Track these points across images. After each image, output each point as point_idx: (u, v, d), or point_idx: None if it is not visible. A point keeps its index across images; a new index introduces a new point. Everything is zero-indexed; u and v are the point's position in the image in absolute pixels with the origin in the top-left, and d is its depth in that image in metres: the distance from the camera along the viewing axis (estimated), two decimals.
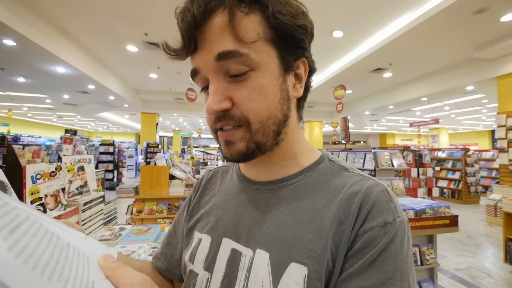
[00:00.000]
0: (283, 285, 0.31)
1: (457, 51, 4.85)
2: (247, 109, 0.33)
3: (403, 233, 0.32)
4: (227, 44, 0.31)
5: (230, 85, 0.33)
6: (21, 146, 4.33)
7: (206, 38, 0.32)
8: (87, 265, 0.22)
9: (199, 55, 0.33)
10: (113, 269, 0.24)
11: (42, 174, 0.91)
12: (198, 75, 0.35)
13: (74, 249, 0.21)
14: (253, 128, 0.34)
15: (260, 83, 0.33)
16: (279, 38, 0.34)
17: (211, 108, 0.33)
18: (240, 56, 0.31)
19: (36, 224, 0.19)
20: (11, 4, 3.12)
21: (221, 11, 0.31)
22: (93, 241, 0.27)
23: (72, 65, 4.67)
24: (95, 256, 0.24)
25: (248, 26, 0.32)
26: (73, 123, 16.77)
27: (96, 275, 0.22)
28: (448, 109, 10.03)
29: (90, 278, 0.20)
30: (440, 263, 3.04)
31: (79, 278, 0.19)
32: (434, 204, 2.00)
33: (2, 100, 9.02)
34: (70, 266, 0.19)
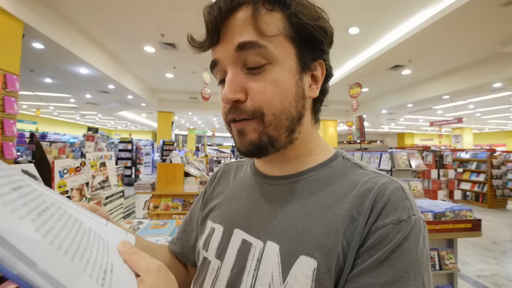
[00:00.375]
0: (292, 277, 0.31)
1: (483, 46, 4.57)
2: (261, 101, 0.34)
3: (418, 232, 0.31)
4: (248, 35, 0.33)
5: (247, 77, 0.34)
6: (48, 143, 4.62)
7: (229, 30, 0.34)
8: (106, 249, 0.23)
9: (221, 46, 0.35)
10: (131, 254, 0.26)
11: (68, 169, 0.98)
12: (217, 66, 0.37)
13: (95, 234, 0.24)
14: (266, 120, 0.34)
15: (277, 77, 0.34)
16: (299, 37, 0.35)
17: (226, 96, 0.34)
18: (259, 48, 0.32)
19: (61, 210, 0.21)
20: (40, 9, 3.32)
21: (246, 7, 0.33)
22: (114, 227, 0.30)
23: (93, 66, 4.91)
24: (115, 242, 0.26)
25: (270, 21, 0.33)
26: (95, 122, 17.58)
27: (115, 258, 0.24)
28: (472, 107, 9.48)
29: (110, 260, 0.22)
30: (462, 269, 2.89)
31: (99, 260, 0.21)
32: (455, 207, 1.91)
33: (31, 99, 9.63)
34: (91, 249, 0.21)
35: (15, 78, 2.78)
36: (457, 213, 1.84)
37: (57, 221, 0.19)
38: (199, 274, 0.41)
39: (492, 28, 3.90)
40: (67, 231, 0.19)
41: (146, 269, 0.25)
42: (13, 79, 2.75)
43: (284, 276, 0.32)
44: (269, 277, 0.33)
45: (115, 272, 0.22)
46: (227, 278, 0.36)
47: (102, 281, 0.19)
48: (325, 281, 0.30)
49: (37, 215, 0.18)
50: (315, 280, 0.30)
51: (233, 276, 0.36)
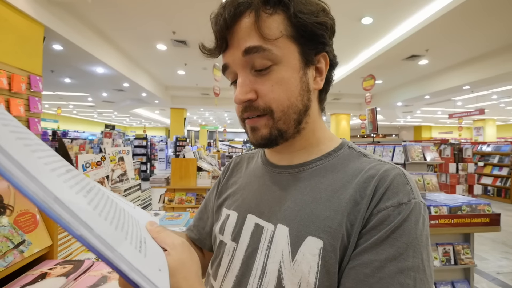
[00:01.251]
0: (301, 255, 0.34)
1: (505, 32, 4.27)
2: (270, 100, 0.37)
3: (418, 214, 0.33)
4: (253, 40, 0.35)
5: (256, 79, 0.37)
6: (69, 140, 4.87)
7: (235, 37, 0.37)
8: (138, 226, 0.28)
9: (229, 52, 0.38)
10: (158, 232, 0.30)
11: (90, 163, 1.05)
12: (228, 70, 0.40)
13: (128, 213, 0.28)
14: (275, 116, 0.38)
15: (282, 76, 0.37)
16: (300, 35, 0.37)
17: (238, 98, 0.38)
18: (264, 51, 0.35)
19: (100, 191, 0.25)
20: (59, 12, 3.47)
21: (249, 14, 0.36)
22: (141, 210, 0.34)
23: (109, 65, 5.08)
24: (143, 221, 0.31)
25: (272, 25, 0.36)
26: (111, 119, 18.22)
27: (146, 234, 0.28)
28: (496, 98, 8.96)
29: (143, 235, 0.26)
30: (480, 265, 2.81)
31: (135, 233, 0.25)
32: (472, 201, 1.85)
33: (52, 99, 10.12)
34: (128, 223, 0.25)
35: (38, 79, 2.94)
36: (474, 207, 1.79)
37: (100, 199, 0.23)
38: (216, 256, 0.45)
39: None
40: (108, 208, 0.23)
41: (172, 244, 0.29)
42: (36, 80, 2.91)
43: (293, 255, 0.35)
44: (280, 256, 0.36)
45: (147, 243, 0.26)
46: (242, 258, 0.40)
47: (140, 248, 0.23)
48: (331, 258, 0.33)
49: (86, 192, 0.22)
50: (322, 258, 0.33)
51: (247, 255, 0.40)
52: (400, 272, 0.30)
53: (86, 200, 0.21)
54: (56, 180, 0.19)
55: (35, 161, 0.18)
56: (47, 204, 0.17)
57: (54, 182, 0.18)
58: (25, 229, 0.62)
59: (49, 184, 0.17)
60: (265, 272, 0.37)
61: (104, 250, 0.19)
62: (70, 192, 0.19)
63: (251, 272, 0.38)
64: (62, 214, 0.17)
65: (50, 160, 0.20)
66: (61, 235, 0.79)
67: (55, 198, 0.17)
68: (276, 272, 0.36)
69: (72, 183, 0.21)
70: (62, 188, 0.19)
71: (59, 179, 0.19)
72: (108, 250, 0.19)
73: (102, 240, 0.19)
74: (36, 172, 0.17)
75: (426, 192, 1.92)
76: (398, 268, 0.30)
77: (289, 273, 0.34)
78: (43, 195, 0.17)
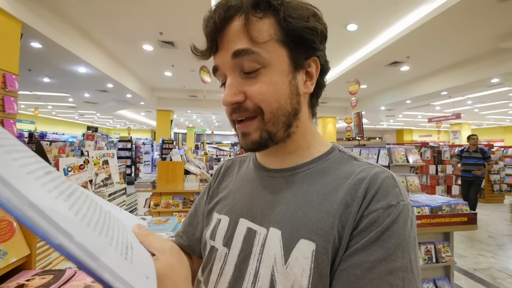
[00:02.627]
0: (293, 258, 0.34)
1: (481, 41, 4.59)
2: (259, 101, 0.37)
3: (406, 216, 0.34)
4: (242, 43, 0.36)
5: (244, 81, 0.37)
6: (48, 142, 4.63)
7: (224, 40, 0.37)
8: (125, 230, 0.26)
9: (219, 55, 0.38)
10: (146, 236, 0.29)
11: (72, 167, 1.00)
12: (218, 72, 0.40)
13: (114, 217, 0.26)
14: (265, 117, 0.38)
15: (270, 79, 0.37)
16: (290, 39, 0.37)
17: (227, 100, 0.38)
18: (253, 54, 0.36)
19: (84, 194, 0.24)
20: (38, 9, 3.31)
21: (238, 17, 0.36)
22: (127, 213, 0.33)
23: (92, 65, 4.90)
24: (130, 224, 0.29)
25: (261, 28, 0.36)
26: (93, 121, 17.56)
27: (133, 238, 0.27)
28: (470, 103, 9.53)
29: (129, 240, 0.25)
30: (458, 262, 2.95)
31: (120, 238, 0.23)
32: (451, 201, 1.95)
33: (29, 99, 9.61)
34: (113, 228, 0.24)
35: (14, 78, 2.79)
36: (453, 207, 1.88)
37: (83, 202, 0.22)
38: (207, 262, 0.44)
39: (490, 24, 3.92)
40: (92, 212, 0.22)
41: (161, 248, 0.28)
42: (12, 79, 2.75)
43: (286, 258, 0.35)
44: (272, 260, 0.36)
45: (134, 249, 0.25)
46: (235, 263, 0.39)
47: (125, 255, 0.22)
48: (323, 261, 0.33)
49: (67, 196, 0.20)
50: (314, 260, 0.33)
51: (240, 260, 0.39)
52: (390, 273, 0.30)
53: (67, 204, 0.19)
54: (32, 184, 0.17)
55: (8, 164, 0.17)
56: (21, 211, 0.16)
57: (29, 186, 0.17)
58: (0, 238, 0.58)
59: (24, 189, 0.16)
60: (257, 277, 0.36)
61: (86, 260, 0.18)
62: (49, 196, 0.18)
63: (244, 277, 0.37)
64: (38, 221, 0.16)
65: (27, 161, 0.19)
66: (40, 243, 0.75)
67: (30, 203, 0.16)
68: (269, 277, 0.35)
69: (51, 186, 0.19)
70: (39, 192, 0.17)
71: (36, 182, 0.18)
72: (90, 259, 0.18)
73: (83, 248, 0.18)
74: (9, 175, 0.16)
75: (409, 193, 1.99)
76: (388, 269, 0.30)
77: (282, 277, 0.34)
78: (17, 201, 0.16)
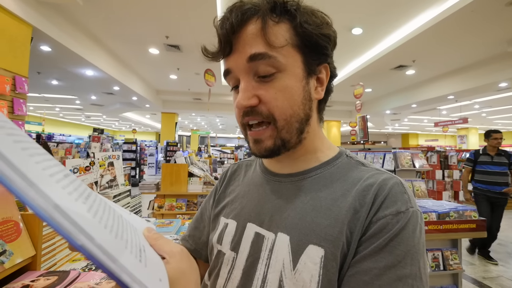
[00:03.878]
0: (302, 264, 0.34)
1: (489, 45, 4.53)
2: (273, 108, 0.37)
3: (415, 222, 0.33)
4: (259, 47, 0.35)
5: (259, 85, 0.37)
6: (55, 143, 4.70)
7: (240, 42, 0.36)
8: (136, 233, 0.26)
9: (233, 57, 0.38)
10: (156, 239, 0.29)
11: (78, 168, 1.01)
12: (230, 75, 0.40)
13: (125, 220, 0.26)
14: (278, 125, 0.37)
15: (286, 84, 0.37)
16: (305, 45, 0.38)
17: (241, 103, 0.37)
18: (269, 58, 0.35)
19: (98, 197, 0.24)
20: (48, 13, 3.39)
21: (255, 20, 0.36)
22: (136, 217, 0.33)
23: (99, 68, 4.98)
24: (140, 228, 0.29)
25: (278, 33, 0.36)
26: (99, 123, 17.79)
27: (144, 241, 0.27)
28: (478, 107, 9.38)
29: (141, 243, 0.25)
30: (467, 270, 2.87)
31: (134, 241, 0.24)
32: (459, 207, 1.91)
33: (38, 101, 9.80)
34: (126, 231, 0.24)
35: (23, 80, 2.85)
36: (461, 213, 1.84)
37: (98, 205, 0.22)
38: (214, 266, 0.44)
39: (497, 28, 3.88)
40: (107, 215, 0.22)
41: (170, 252, 0.28)
42: (22, 81, 2.81)
43: (295, 264, 0.35)
44: (281, 265, 0.35)
45: (146, 252, 0.25)
46: (243, 268, 0.39)
47: (139, 257, 0.22)
48: (332, 267, 0.33)
49: (85, 198, 0.21)
50: (323, 266, 0.33)
51: (248, 265, 0.39)
52: (399, 279, 0.30)
53: (86, 207, 0.20)
54: (55, 186, 0.18)
55: (33, 166, 0.17)
56: (47, 212, 0.16)
57: (53, 188, 0.17)
58: (6, 239, 0.58)
59: (48, 191, 0.17)
60: (265, 282, 0.36)
61: (106, 261, 0.18)
62: (70, 198, 0.18)
63: (252, 282, 0.37)
64: (62, 222, 0.17)
65: (48, 164, 0.19)
66: (45, 244, 0.75)
67: (55, 205, 0.17)
68: (277, 282, 0.35)
69: (70, 189, 0.20)
70: (61, 194, 0.18)
71: (57, 185, 0.18)
72: (110, 260, 0.18)
73: (103, 250, 0.18)
74: (35, 178, 0.16)
75: (416, 198, 1.96)
76: (397, 276, 0.30)
77: (290, 282, 0.34)
78: (44, 203, 0.16)
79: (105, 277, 0.73)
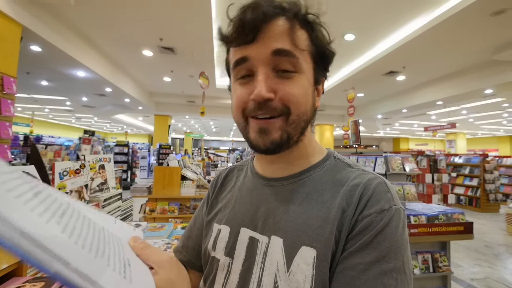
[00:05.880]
0: (296, 265, 0.35)
1: (475, 53, 4.70)
2: (289, 101, 0.37)
3: (398, 219, 0.35)
4: (285, 44, 0.37)
5: (277, 79, 0.38)
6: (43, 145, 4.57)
7: (266, 34, 0.37)
8: (121, 245, 0.25)
9: (255, 46, 0.37)
10: (143, 249, 0.28)
11: (68, 171, 0.99)
12: (245, 64, 0.38)
13: (108, 232, 0.25)
14: (290, 118, 0.38)
15: (303, 84, 0.39)
16: (318, 55, 0.41)
17: (261, 95, 0.36)
18: (293, 57, 0.37)
19: (75, 211, 0.23)
20: (39, 12, 3.33)
21: (284, 19, 0.38)
22: (122, 224, 0.32)
23: (91, 69, 4.91)
24: (126, 237, 0.28)
25: (301, 37, 0.39)
26: (90, 125, 17.44)
27: (129, 253, 0.26)
28: (465, 113, 9.67)
29: (126, 256, 0.24)
30: (455, 272, 2.93)
31: (117, 255, 0.23)
32: (448, 210, 1.95)
33: (26, 102, 9.55)
34: (109, 245, 0.23)
35: (12, 80, 2.77)
36: (449, 216, 1.88)
37: (75, 221, 0.21)
38: (209, 272, 0.44)
39: (483, 36, 4.03)
40: (86, 231, 0.21)
41: (159, 261, 0.27)
42: (10, 81, 2.74)
43: (288, 265, 0.36)
44: (275, 267, 0.36)
45: (132, 265, 0.24)
46: (239, 272, 0.40)
47: (124, 273, 0.21)
48: (324, 267, 0.34)
49: (59, 217, 0.19)
50: (316, 267, 0.34)
51: (244, 269, 0.40)
52: (384, 273, 0.32)
53: (60, 227, 0.18)
54: (21, 210, 0.16)
55: None
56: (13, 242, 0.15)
57: (19, 213, 0.16)
58: None
59: (13, 217, 0.15)
60: (261, 285, 0.37)
61: (84, 285, 0.17)
62: (40, 221, 0.17)
63: (249, 285, 0.38)
64: (32, 250, 0.15)
65: (14, 184, 0.18)
66: None
67: (22, 232, 0.15)
68: (272, 284, 0.36)
69: (40, 209, 0.18)
70: (29, 218, 0.16)
71: (25, 207, 0.17)
72: (89, 283, 0.17)
73: (80, 273, 0.17)
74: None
75: (406, 201, 2.00)
76: (382, 270, 0.32)
77: (285, 284, 0.35)
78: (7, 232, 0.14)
79: None
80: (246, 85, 0.39)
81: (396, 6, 3.54)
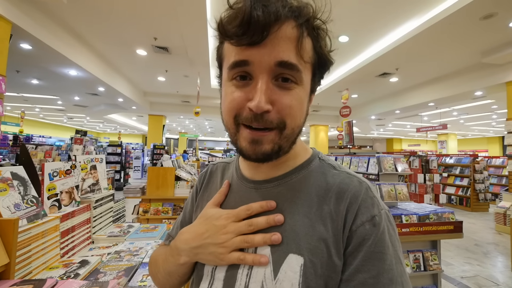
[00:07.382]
0: (283, 273, 0.35)
1: (465, 56, 4.81)
2: (286, 115, 0.36)
3: (388, 222, 0.37)
4: (291, 56, 0.34)
5: (276, 90, 0.35)
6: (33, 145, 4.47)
7: (274, 39, 0.33)
8: None
9: (259, 51, 0.34)
10: None
11: (58, 171, 0.97)
12: (245, 67, 0.35)
13: None
14: (284, 132, 0.36)
15: (300, 96, 0.37)
16: (319, 64, 0.39)
17: (260, 106, 0.34)
18: (296, 72, 0.35)
19: None
20: (29, 10, 3.27)
21: (294, 24, 0.34)
22: None
23: (84, 68, 4.83)
24: None
25: (307, 47, 0.36)
26: (83, 124, 17.16)
27: None
28: (456, 114, 9.89)
29: None
30: (446, 270, 2.99)
31: None
32: (438, 209, 1.99)
33: (16, 101, 9.33)
34: None
35: (1, 79, 2.71)
36: (440, 215, 1.92)
37: None
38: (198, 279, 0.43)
39: (473, 40, 4.13)
40: None
41: None
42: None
43: (275, 273, 0.35)
44: (262, 275, 0.36)
45: None
46: (223, 278, 0.39)
47: None
48: (311, 274, 0.34)
49: None
50: (303, 274, 0.34)
51: (228, 276, 0.39)
52: (391, 281, 0.33)
53: None
54: None
55: None
56: None
57: None
58: None
59: None
60: None
61: None
62: None
63: None
64: None
65: None
66: (20, 251, 0.72)
67: None
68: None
69: None
70: None
71: None
72: None
73: None
74: None
75: (398, 201, 2.03)
76: (389, 279, 0.33)
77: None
78: None
79: (84, 285, 0.70)
80: (242, 89, 0.36)
81: (389, 10, 3.60)
